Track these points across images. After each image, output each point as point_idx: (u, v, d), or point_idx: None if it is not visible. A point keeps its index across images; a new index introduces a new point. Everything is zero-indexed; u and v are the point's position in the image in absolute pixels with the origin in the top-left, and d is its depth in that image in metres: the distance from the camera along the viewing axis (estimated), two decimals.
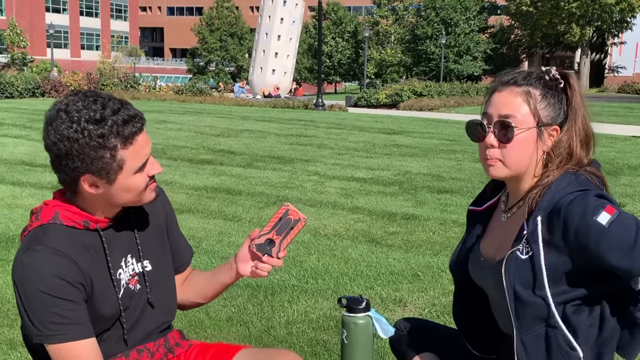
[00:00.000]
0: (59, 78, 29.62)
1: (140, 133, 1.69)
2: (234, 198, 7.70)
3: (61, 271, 1.65)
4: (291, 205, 1.86)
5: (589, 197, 1.69)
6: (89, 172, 1.66)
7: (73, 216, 1.74)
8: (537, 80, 1.81)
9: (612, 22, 53.81)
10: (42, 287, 1.63)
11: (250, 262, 1.89)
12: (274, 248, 1.83)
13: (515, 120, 1.78)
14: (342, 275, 4.91)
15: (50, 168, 1.73)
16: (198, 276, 2.09)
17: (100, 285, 1.75)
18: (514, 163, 1.81)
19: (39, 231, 1.72)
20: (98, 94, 1.68)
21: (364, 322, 1.92)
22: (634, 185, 8.76)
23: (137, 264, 1.87)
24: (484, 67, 58.79)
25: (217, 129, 15.68)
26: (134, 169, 1.70)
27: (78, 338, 1.67)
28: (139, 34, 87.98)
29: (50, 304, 1.64)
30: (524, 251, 1.76)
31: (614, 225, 1.64)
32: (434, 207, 7.33)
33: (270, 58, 38.14)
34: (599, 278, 1.75)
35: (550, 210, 1.72)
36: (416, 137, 14.82)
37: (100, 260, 1.77)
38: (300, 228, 1.85)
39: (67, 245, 1.69)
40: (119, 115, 1.64)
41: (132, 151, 1.68)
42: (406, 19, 62.59)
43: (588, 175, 1.78)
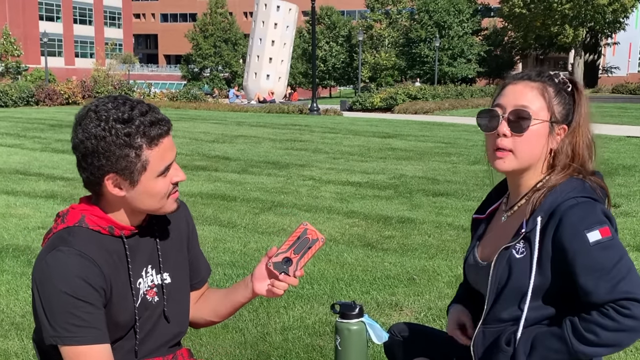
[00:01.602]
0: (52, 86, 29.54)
1: (166, 136, 1.71)
2: (229, 204, 7.68)
3: (85, 273, 1.64)
4: (310, 224, 1.86)
5: (596, 209, 1.70)
6: (113, 170, 1.66)
7: (99, 221, 1.74)
8: (550, 79, 1.84)
9: (605, 22, 53.91)
10: (64, 288, 1.62)
11: (267, 280, 1.87)
12: (291, 267, 1.83)
13: (530, 112, 1.79)
14: (338, 280, 4.89)
15: (45, 177, 1.73)
16: (213, 294, 2.07)
17: (119, 292, 1.74)
18: (524, 155, 1.81)
19: (64, 233, 1.71)
20: (127, 98, 1.71)
21: (358, 328, 1.90)
22: (628, 186, 8.77)
23: (157, 276, 1.86)
24: (478, 70, 58.84)
25: (212, 135, 15.67)
26: (157, 171, 1.71)
27: (93, 342, 1.65)
28: (132, 41, 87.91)
29: (70, 305, 1.63)
30: (519, 250, 1.76)
31: (598, 247, 1.64)
32: (430, 211, 7.32)
33: (264, 63, 38.14)
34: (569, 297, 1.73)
35: (551, 212, 1.72)
36: (411, 141, 14.83)
37: (122, 267, 1.76)
38: (318, 248, 1.84)
39: (92, 249, 1.68)
40: (146, 117, 1.67)
41: (157, 153, 1.69)
42: (400, 23, 62.63)
43: (594, 184, 1.79)
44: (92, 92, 29.97)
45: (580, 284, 1.66)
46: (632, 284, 1.62)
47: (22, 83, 33.02)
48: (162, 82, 68.72)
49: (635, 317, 1.60)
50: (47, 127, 17.36)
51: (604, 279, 1.62)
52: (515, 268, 1.76)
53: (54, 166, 10.51)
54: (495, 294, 1.80)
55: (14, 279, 4.89)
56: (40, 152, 12.49)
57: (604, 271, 1.63)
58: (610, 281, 1.62)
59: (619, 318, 1.60)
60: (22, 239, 6.01)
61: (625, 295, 1.60)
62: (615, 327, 1.61)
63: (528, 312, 1.75)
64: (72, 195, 7.95)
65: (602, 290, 1.62)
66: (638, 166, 10.58)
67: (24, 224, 6.58)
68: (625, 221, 6.70)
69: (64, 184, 8.82)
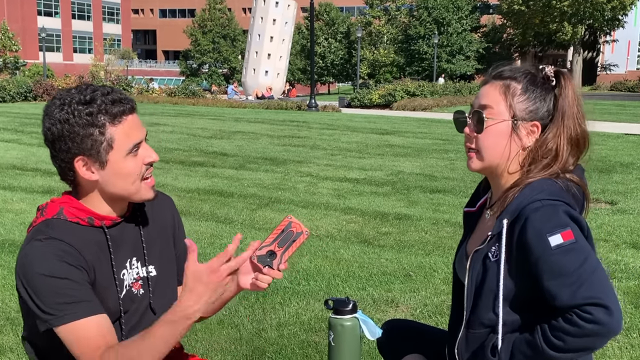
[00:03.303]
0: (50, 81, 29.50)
1: (130, 114, 1.71)
2: (226, 200, 7.68)
3: (61, 255, 1.65)
4: (294, 217, 1.85)
5: (558, 212, 1.67)
6: (80, 152, 1.68)
7: (78, 212, 1.74)
8: (523, 75, 1.81)
9: (604, 20, 53.91)
10: (45, 271, 1.63)
11: (251, 274, 1.86)
12: (275, 260, 1.82)
13: (490, 112, 1.79)
14: (334, 276, 4.89)
15: (42, 172, 1.74)
16: None
17: (102, 282, 1.74)
18: (486, 154, 1.81)
19: (42, 226, 1.72)
20: (91, 84, 1.75)
21: (351, 324, 1.90)
22: (626, 183, 8.78)
23: (142, 269, 1.86)
24: (477, 67, 58.83)
25: (210, 131, 15.66)
26: (125, 149, 1.70)
27: (88, 314, 1.65)
28: (131, 37, 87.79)
29: (55, 286, 1.63)
30: (494, 254, 1.75)
31: (559, 251, 1.63)
32: (427, 207, 7.32)
33: (263, 59, 38.05)
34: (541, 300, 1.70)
35: (516, 214, 1.71)
36: (409, 137, 14.82)
37: (104, 257, 1.76)
38: (302, 241, 1.84)
39: (71, 238, 1.69)
40: (108, 97, 1.69)
41: (122, 130, 1.69)
42: (398, 19, 62.59)
43: (565, 184, 1.75)
44: None
45: (544, 288, 1.65)
46: (594, 288, 1.59)
47: (20, 78, 32.99)
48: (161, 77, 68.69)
49: (598, 322, 1.58)
50: None
51: (566, 284, 1.61)
52: (489, 272, 1.75)
53: (51, 162, 10.48)
54: (473, 298, 1.79)
55: (10, 274, 4.89)
56: (37, 147, 12.47)
57: (566, 276, 1.61)
58: (572, 286, 1.60)
59: (581, 324, 1.59)
60: (18, 234, 6.00)
61: (587, 301, 1.59)
62: (580, 333, 1.60)
63: (504, 317, 1.73)
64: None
65: (564, 295, 1.61)
66: (635, 164, 10.59)
67: (20, 219, 6.57)
68: (622, 218, 6.71)
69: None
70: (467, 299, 1.80)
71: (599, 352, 3.51)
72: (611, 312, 1.58)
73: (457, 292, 2.02)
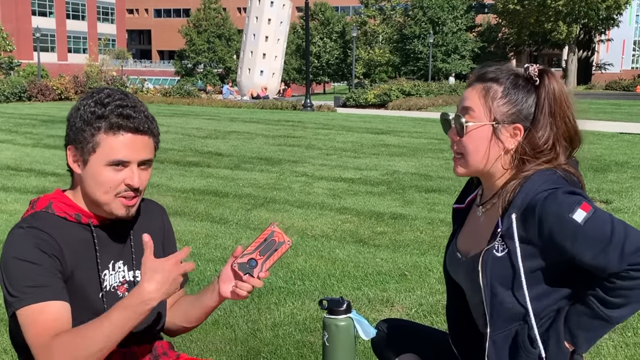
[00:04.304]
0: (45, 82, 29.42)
1: (130, 133, 1.72)
2: (221, 200, 7.67)
3: (37, 242, 1.69)
4: (277, 226, 1.85)
5: (560, 194, 1.67)
6: (72, 142, 1.75)
7: (66, 208, 1.78)
8: (506, 77, 1.79)
9: (599, 19, 54.08)
10: (17, 254, 1.67)
11: (233, 282, 1.86)
12: (256, 268, 1.81)
13: (472, 115, 1.78)
14: (330, 276, 4.89)
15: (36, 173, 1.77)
16: (184, 299, 2.07)
17: (83, 278, 1.76)
18: (470, 159, 1.80)
19: (29, 217, 1.76)
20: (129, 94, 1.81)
21: (345, 324, 1.90)
22: (621, 182, 8.79)
23: (129, 273, 1.87)
24: (472, 66, 58.93)
25: (205, 131, 15.64)
26: (106, 159, 1.72)
27: (48, 299, 1.65)
28: (126, 37, 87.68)
29: (25, 270, 1.66)
30: (499, 248, 1.74)
31: (589, 223, 1.63)
32: (422, 207, 7.32)
33: (258, 59, 38.01)
34: (573, 276, 1.73)
35: (524, 208, 1.70)
36: (404, 137, 14.83)
37: (88, 255, 1.78)
38: (284, 251, 1.83)
39: (53, 230, 1.73)
40: (120, 108, 1.72)
41: (112, 142, 1.71)
42: (394, 19, 62.69)
43: (564, 173, 1.76)
44: (84, 87, 29.84)
45: (590, 264, 1.65)
46: (636, 240, 1.61)
47: (15, 78, 32.91)
48: (156, 77, 68.60)
49: None
50: (39, 122, 17.30)
51: (610, 250, 1.61)
52: (499, 267, 1.74)
53: (46, 162, 10.47)
54: (491, 299, 1.77)
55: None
56: (32, 147, 12.44)
57: (606, 242, 1.62)
58: (616, 248, 1.61)
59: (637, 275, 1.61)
60: None
61: (637, 253, 1.60)
62: (633, 286, 1.62)
63: (532, 304, 1.72)
64: None
65: (614, 260, 1.61)
66: (630, 162, 10.61)
67: (14, 220, 6.52)
68: (618, 217, 6.71)
69: (56, 179, 8.78)
70: (486, 301, 1.77)
71: (594, 351, 3.51)
72: None
73: (454, 291, 2.01)
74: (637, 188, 8.35)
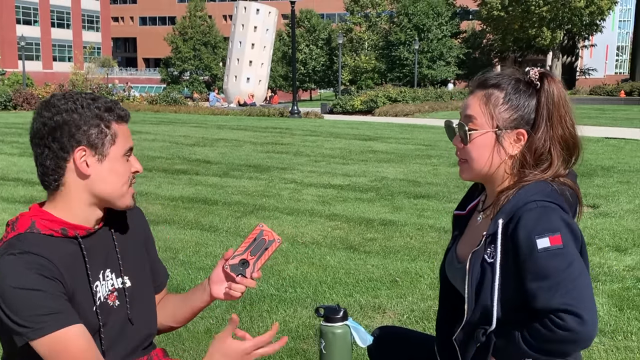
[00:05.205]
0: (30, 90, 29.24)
1: (125, 122, 1.77)
2: (211, 208, 7.65)
3: (35, 267, 1.61)
4: (265, 225, 1.85)
5: (551, 216, 1.68)
6: (84, 142, 1.68)
7: (50, 224, 1.70)
8: (507, 82, 1.80)
9: (582, 25, 54.50)
10: (18, 284, 1.59)
11: (224, 283, 1.86)
12: (248, 269, 1.82)
13: (474, 122, 1.80)
14: (321, 283, 4.89)
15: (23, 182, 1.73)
16: (171, 299, 2.05)
17: (78, 294, 1.71)
18: (475, 165, 1.82)
19: (14, 240, 1.67)
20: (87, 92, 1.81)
21: (342, 331, 1.90)
22: (607, 186, 8.86)
23: (117, 280, 1.82)
24: (457, 72, 59.26)
25: (192, 139, 15.60)
26: (124, 148, 1.74)
27: (65, 325, 1.61)
28: (111, 45, 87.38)
29: (30, 298, 1.59)
30: (490, 255, 1.76)
31: (544, 254, 1.64)
32: (411, 213, 7.34)
33: (244, 66, 38.01)
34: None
35: (512, 215, 1.72)
36: (392, 143, 14.87)
37: (79, 268, 1.72)
38: (274, 249, 1.84)
39: (44, 251, 1.65)
40: (108, 101, 1.75)
41: (123, 131, 1.75)
42: (379, 26, 62.90)
43: (560, 186, 1.77)
44: None
45: (526, 288, 1.68)
46: (571, 295, 1.61)
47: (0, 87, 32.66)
48: (142, 85, 68.33)
49: (569, 329, 1.61)
50: (26, 131, 17.04)
51: (545, 288, 1.63)
52: (486, 273, 1.76)
53: (33, 171, 10.29)
54: (475, 299, 1.79)
55: None
56: (18, 156, 12.36)
57: (546, 279, 1.63)
58: (550, 290, 1.63)
59: (553, 329, 1.62)
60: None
61: (561, 307, 1.61)
62: (551, 337, 1.63)
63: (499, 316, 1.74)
64: None
65: (542, 298, 1.64)
66: (616, 167, 10.70)
67: (1, 230, 6.49)
68: (604, 222, 6.77)
69: (42, 189, 8.70)
70: (468, 301, 1.79)
71: (585, 355, 3.54)
72: (583, 322, 1.60)
73: (447, 294, 2.03)
74: (624, 193, 8.42)
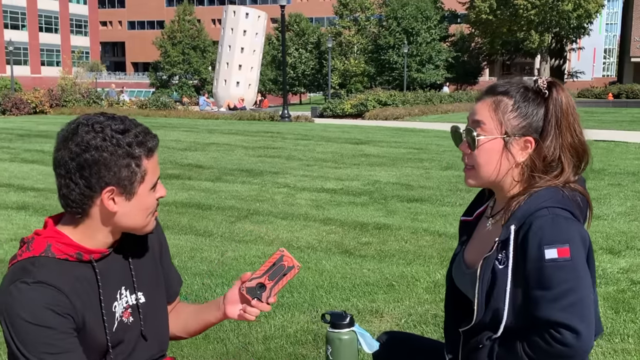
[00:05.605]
0: (19, 95, 29.08)
1: (155, 152, 1.70)
2: (204, 213, 7.64)
3: (51, 302, 1.60)
4: (286, 251, 1.85)
5: (564, 226, 1.69)
6: (113, 182, 1.62)
7: (66, 248, 1.67)
8: (516, 90, 1.82)
9: (570, 28, 54.87)
10: (32, 319, 1.58)
11: (239, 304, 1.86)
12: (265, 293, 1.82)
13: (483, 128, 1.81)
14: (318, 287, 4.89)
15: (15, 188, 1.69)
16: (184, 309, 2.04)
17: (91, 319, 1.69)
18: (482, 171, 1.83)
19: (28, 264, 1.64)
20: (112, 114, 1.69)
21: (349, 337, 1.91)
22: (598, 189, 8.92)
23: (131, 296, 1.81)
24: (446, 76, 59.45)
25: (184, 143, 15.58)
26: (151, 183, 1.69)
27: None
28: (99, 49, 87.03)
29: (42, 335, 1.58)
30: (502, 261, 1.76)
31: (551, 265, 1.66)
32: (405, 216, 7.36)
33: (234, 70, 37.97)
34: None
35: (523, 221, 1.73)
36: (383, 147, 14.90)
37: (93, 292, 1.70)
38: (293, 275, 1.84)
39: (59, 279, 1.62)
40: (139, 128, 1.66)
41: (152, 164, 1.69)
42: (368, 29, 63.02)
43: (571, 192, 1.78)
44: (60, 100, 29.57)
45: (529, 295, 1.69)
46: (571, 310, 1.63)
47: None
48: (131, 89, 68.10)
49: (565, 344, 1.63)
50: (16, 136, 17.10)
51: (547, 298, 1.65)
52: (498, 279, 1.76)
53: (24, 177, 10.35)
54: (485, 305, 1.79)
55: None
56: (9, 162, 12.29)
57: (549, 290, 1.65)
58: (551, 302, 1.64)
59: (550, 341, 1.64)
60: None
61: (560, 320, 1.63)
62: (547, 350, 1.66)
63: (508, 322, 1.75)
64: (43, 206, 7.83)
65: (543, 308, 1.65)
66: (607, 170, 10.77)
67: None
68: (597, 224, 6.81)
69: (35, 194, 8.68)
70: (478, 306, 1.80)
71: None
72: (580, 337, 1.62)
73: (455, 300, 2.03)
74: (615, 195, 8.48)
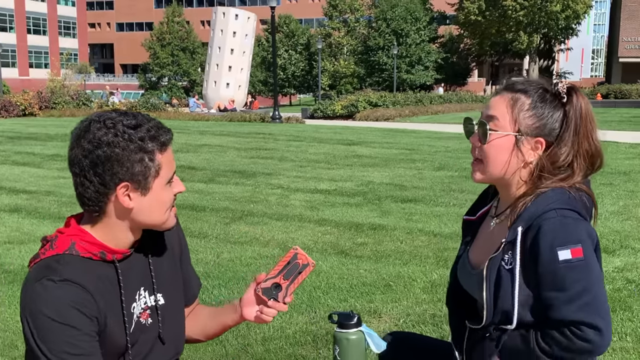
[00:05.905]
0: (7, 97, 28.92)
1: (169, 146, 1.68)
2: (198, 214, 7.62)
3: (77, 302, 1.58)
4: (300, 249, 1.83)
5: (570, 226, 1.70)
6: (127, 178, 1.61)
7: (90, 247, 1.66)
8: (535, 90, 1.82)
9: (558, 29, 55.16)
10: (58, 317, 1.56)
11: (255, 306, 1.84)
12: (281, 292, 1.80)
13: (496, 123, 1.81)
14: (315, 288, 4.89)
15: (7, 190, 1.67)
16: (203, 312, 2.02)
17: (113, 319, 1.68)
18: (489, 166, 1.83)
19: (52, 261, 1.62)
20: (125, 110, 1.69)
21: (356, 337, 1.90)
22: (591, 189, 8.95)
23: (150, 297, 1.79)
24: (436, 77, 59.59)
25: (175, 145, 15.31)
26: (167, 178, 1.67)
27: None
28: (88, 51, 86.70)
29: (65, 335, 1.56)
30: (508, 262, 1.76)
31: (565, 266, 1.67)
32: (399, 217, 7.37)
33: (224, 72, 37.89)
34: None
35: (531, 223, 1.73)
36: (375, 147, 14.92)
37: (114, 292, 1.69)
38: (308, 273, 1.82)
39: (84, 277, 1.61)
40: (151, 123, 1.65)
41: (166, 158, 1.67)
42: (358, 31, 63.08)
43: (577, 194, 1.78)
44: (49, 103, 29.42)
45: (542, 297, 1.70)
46: (590, 309, 1.65)
47: None
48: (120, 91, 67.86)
49: (589, 340, 1.66)
50: (6, 139, 16.99)
51: (564, 299, 1.66)
52: (504, 280, 1.76)
53: (16, 179, 10.29)
54: (493, 306, 1.80)
55: None
56: (0, 164, 12.22)
57: (564, 291, 1.66)
58: (569, 303, 1.66)
59: (573, 339, 1.67)
60: None
61: (582, 319, 1.65)
62: (569, 346, 1.68)
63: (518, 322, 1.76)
64: (36, 209, 7.79)
65: (561, 309, 1.67)
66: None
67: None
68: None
69: (27, 197, 8.63)
70: (487, 307, 1.80)
71: None
72: (602, 334, 1.65)
73: (459, 299, 2.03)
74: (607, 195, 8.52)
